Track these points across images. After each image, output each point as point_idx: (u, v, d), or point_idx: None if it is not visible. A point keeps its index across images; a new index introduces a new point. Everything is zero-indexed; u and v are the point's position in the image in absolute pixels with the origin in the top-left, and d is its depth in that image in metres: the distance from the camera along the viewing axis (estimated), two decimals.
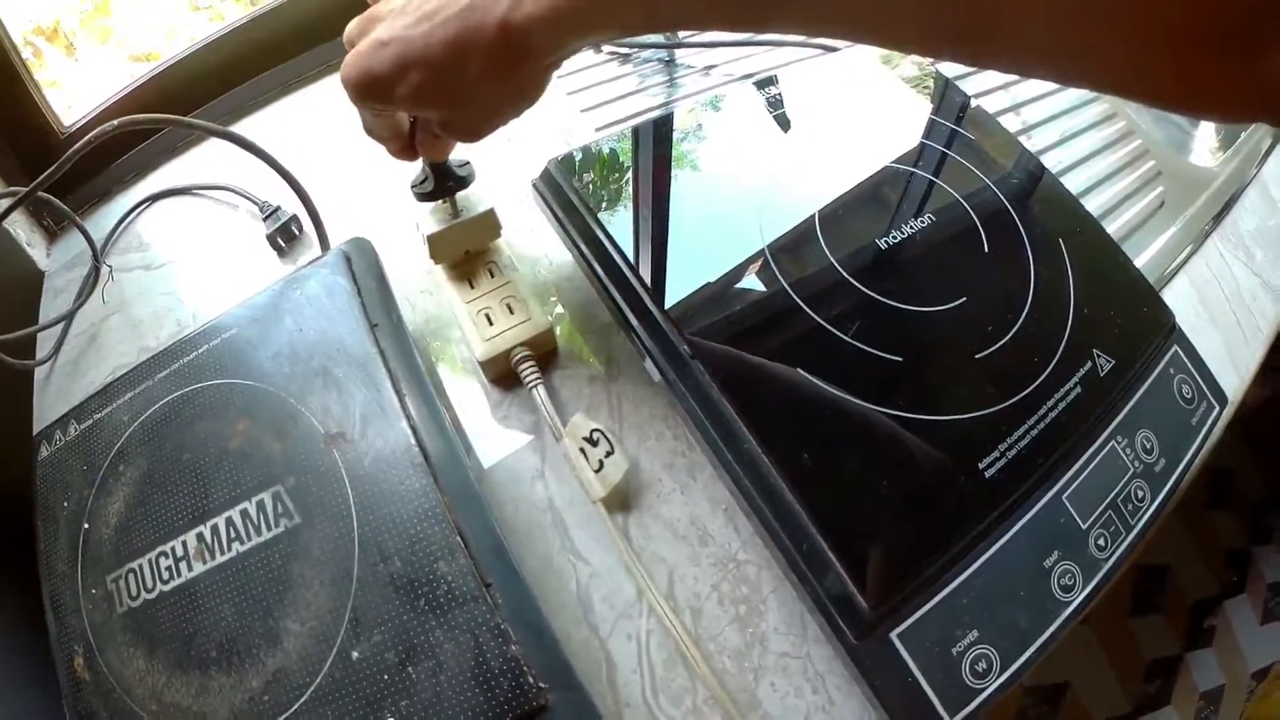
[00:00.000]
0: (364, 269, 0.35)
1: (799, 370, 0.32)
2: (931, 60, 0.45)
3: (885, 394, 0.33)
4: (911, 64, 0.46)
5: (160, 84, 0.41)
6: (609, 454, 0.33)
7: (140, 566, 0.36)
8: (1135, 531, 0.37)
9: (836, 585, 0.31)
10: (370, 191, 0.38)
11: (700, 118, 0.42)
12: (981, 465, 0.33)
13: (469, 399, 0.36)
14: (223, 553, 0.34)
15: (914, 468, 0.32)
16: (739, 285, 0.35)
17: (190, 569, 0.35)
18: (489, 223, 0.36)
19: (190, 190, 0.41)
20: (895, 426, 0.32)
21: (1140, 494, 0.37)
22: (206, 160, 0.43)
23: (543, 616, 0.31)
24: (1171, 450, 0.39)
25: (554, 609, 0.33)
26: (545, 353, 0.36)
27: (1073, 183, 0.47)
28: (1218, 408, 0.41)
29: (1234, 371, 0.46)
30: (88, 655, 0.35)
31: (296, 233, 0.38)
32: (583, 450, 0.33)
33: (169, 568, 0.35)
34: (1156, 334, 0.40)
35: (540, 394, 0.34)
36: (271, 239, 0.39)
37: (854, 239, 0.37)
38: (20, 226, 0.42)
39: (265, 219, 0.39)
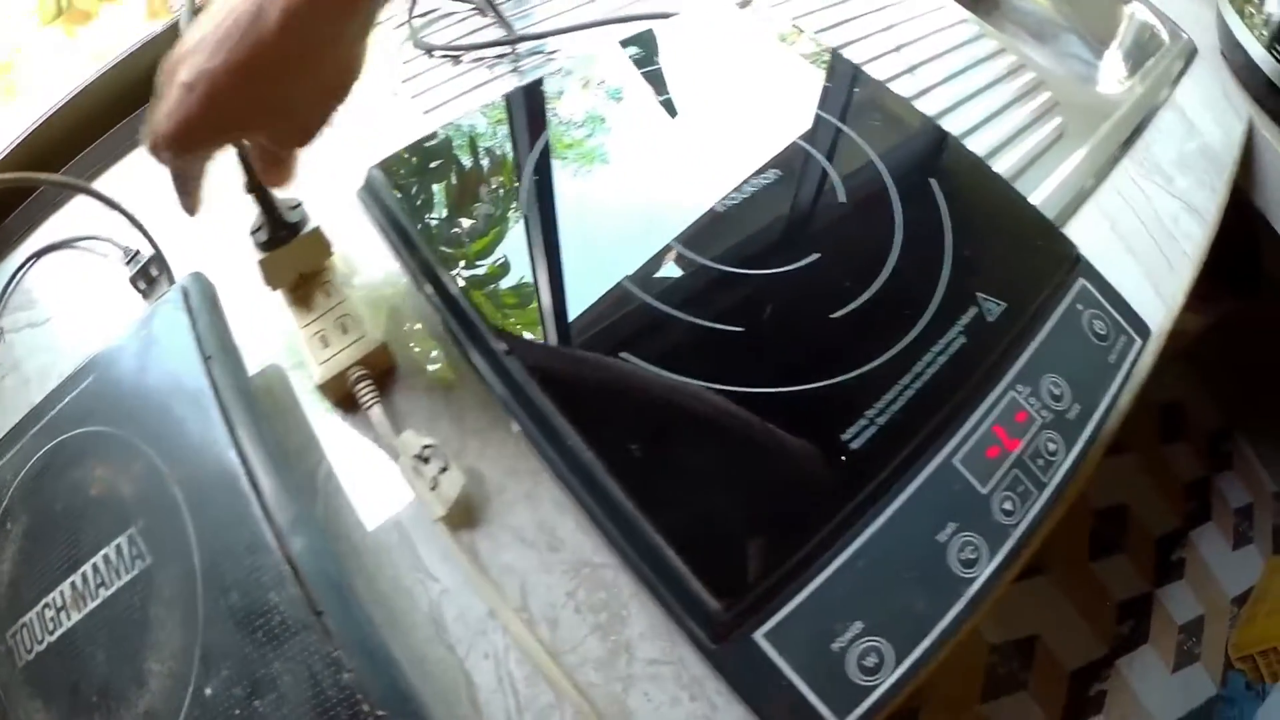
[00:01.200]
0: (199, 303, 0.30)
1: (622, 355, 0.24)
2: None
3: (724, 370, 0.25)
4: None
5: (32, 143, 0.37)
6: (443, 470, 0.27)
7: (31, 619, 0.31)
8: (1051, 488, 0.28)
9: (683, 587, 0.23)
10: (223, 228, 0.33)
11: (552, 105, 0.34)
12: (845, 436, 0.25)
13: (324, 424, 0.29)
14: (92, 599, 0.30)
15: (760, 448, 0.24)
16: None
17: (69, 618, 0.30)
18: (317, 242, 0.30)
19: (69, 244, 0.36)
20: (732, 406, 0.24)
21: (1052, 447, 0.28)
22: (84, 213, 0.38)
23: (381, 642, 0.26)
24: (1087, 393, 0.30)
25: (406, 629, 0.27)
26: (383, 370, 0.29)
27: (958, 122, 0.37)
28: (1139, 341, 0.32)
29: (1160, 301, 0.36)
30: (1, 710, 0.30)
31: (155, 274, 0.33)
32: (416, 469, 0.26)
33: (52, 618, 0.30)
34: (1056, 270, 0.31)
35: (375, 414, 0.28)
36: (133, 282, 0.34)
37: (685, 208, 0.28)
38: None
39: (127, 264, 0.34)
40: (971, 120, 0.39)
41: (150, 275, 0.33)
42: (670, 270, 0.27)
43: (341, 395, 0.29)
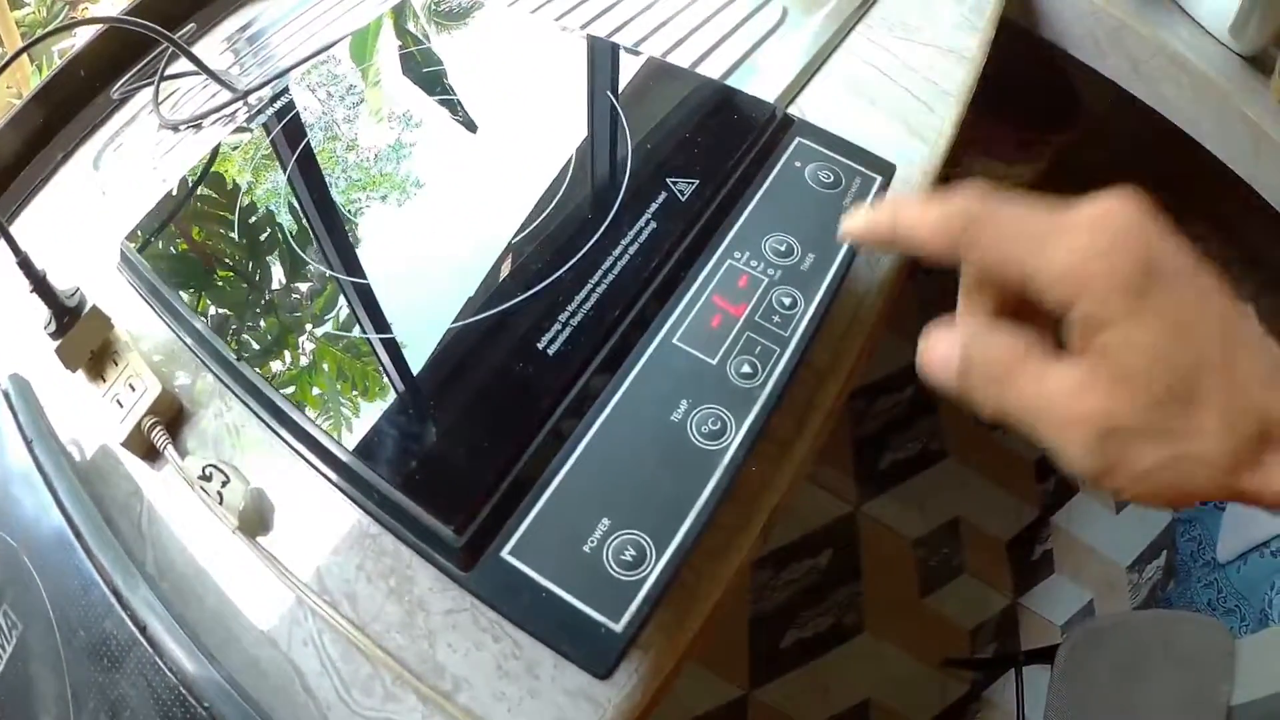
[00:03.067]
0: (18, 399, 0.32)
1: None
2: None
3: (408, 316, 0.25)
4: None
5: None
6: (225, 483, 0.27)
7: None
8: (794, 342, 0.27)
9: (419, 525, 0.24)
10: (29, 337, 0.35)
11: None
12: (541, 345, 0.25)
13: (144, 477, 0.31)
14: None
15: (460, 373, 0.24)
16: None
17: None
18: (97, 319, 0.32)
19: None
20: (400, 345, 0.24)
21: (787, 301, 0.27)
22: None
23: (200, 643, 0.26)
24: (823, 243, 0.29)
25: (237, 637, 0.28)
26: (174, 413, 0.31)
27: (669, 35, 0.37)
28: (880, 178, 0.31)
29: (919, 141, 0.35)
30: None
31: None
32: (203, 488, 0.27)
33: None
34: (758, 137, 0.30)
35: (170, 453, 0.29)
36: None
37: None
38: None
39: None
40: (685, 29, 0.39)
41: None
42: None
43: (145, 447, 0.31)
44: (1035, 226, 0.17)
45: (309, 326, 0.28)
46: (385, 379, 0.25)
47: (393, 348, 0.25)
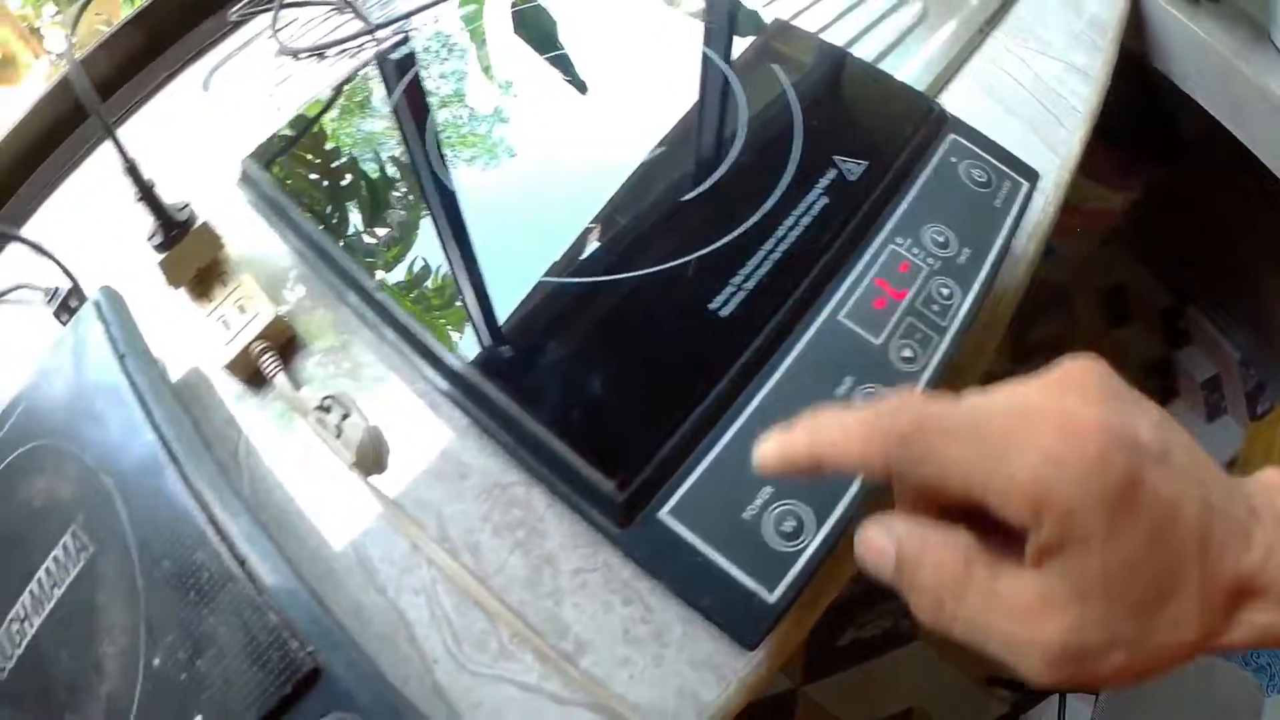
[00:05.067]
0: (110, 311, 0.31)
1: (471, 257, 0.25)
2: None
3: (581, 263, 0.25)
4: None
5: None
6: (345, 417, 0.27)
7: (0, 639, 0.31)
8: (952, 332, 0.27)
9: (579, 477, 0.23)
10: (121, 252, 0.34)
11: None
12: (713, 305, 0.24)
13: (240, 407, 0.30)
14: (49, 601, 0.30)
15: (632, 329, 0.24)
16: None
17: (32, 626, 0.30)
18: (207, 235, 0.30)
19: None
20: (595, 291, 0.24)
21: (945, 292, 0.27)
22: (6, 266, 0.40)
23: (305, 582, 0.26)
24: (977, 239, 0.29)
25: (339, 581, 0.27)
26: (285, 341, 0.30)
27: (815, 17, 0.37)
28: (1026, 184, 0.31)
29: (1052, 154, 0.36)
30: None
31: (74, 305, 0.34)
32: (319, 420, 0.26)
33: (18, 631, 0.31)
34: (919, 128, 0.30)
35: (280, 380, 0.28)
36: (57, 316, 0.35)
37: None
38: None
39: (49, 302, 0.35)
40: (831, 13, 0.39)
41: (70, 307, 0.34)
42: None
43: (249, 372, 0.30)
44: (990, 433, 0.14)
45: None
46: (544, 325, 0.25)
47: (558, 293, 0.25)
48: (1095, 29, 0.42)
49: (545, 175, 0.30)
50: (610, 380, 0.23)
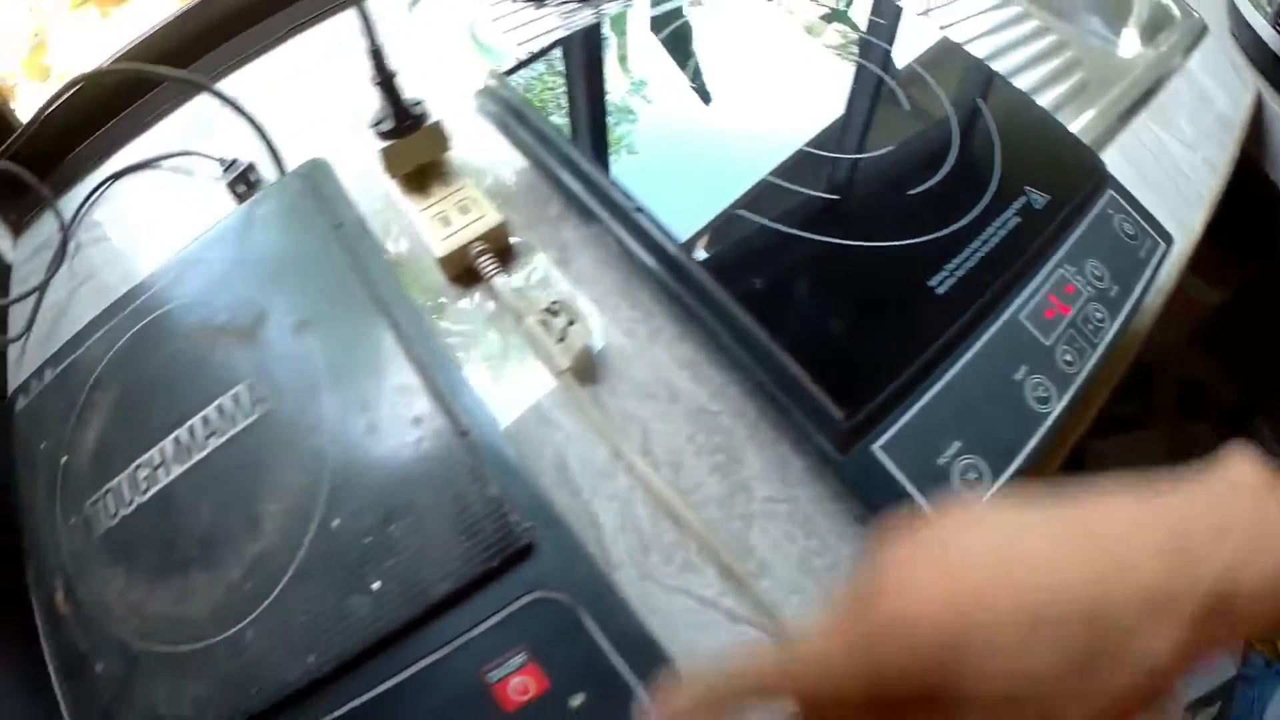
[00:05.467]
0: (323, 182, 0.39)
1: (738, 213, 0.36)
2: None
3: (826, 226, 0.36)
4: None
5: (151, 43, 0.47)
6: (571, 323, 0.36)
7: (119, 484, 0.38)
8: (1100, 350, 0.39)
9: (811, 401, 0.33)
10: (326, 131, 0.43)
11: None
12: (931, 283, 0.36)
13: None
14: (199, 450, 0.36)
15: (866, 287, 0.35)
16: None
17: (168, 473, 0.37)
18: (438, 134, 0.40)
19: (152, 163, 0.45)
20: (838, 251, 0.35)
21: (1099, 315, 0.40)
22: (168, 133, 0.48)
23: (521, 461, 0.33)
24: (1123, 279, 0.42)
25: (537, 473, 0.35)
26: (500, 248, 0.39)
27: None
28: (1163, 244, 0.45)
29: (1181, 230, 0.50)
30: (67, 588, 0.36)
31: (253, 179, 0.42)
32: (543, 323, 0.36)
33: (147, 477, 0.37)
34: (1087, 177, 0.44)
35: (499, 282, 0.38)
36: (232, 186, 0.43)
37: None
38: None
39: (225, 171, 0.43)
40: (1003, 69, 0.54)
41: (249, 180, 0.42)
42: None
43: (461, 270, 0.39)
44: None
45: None
46: (788, 269, 0.36)
47: (803, 244, 0.36)
48: (1223, 126, 0.58)
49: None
50: (845, 325, 0.34)
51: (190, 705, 0.33)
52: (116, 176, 0.46)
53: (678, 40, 0.47)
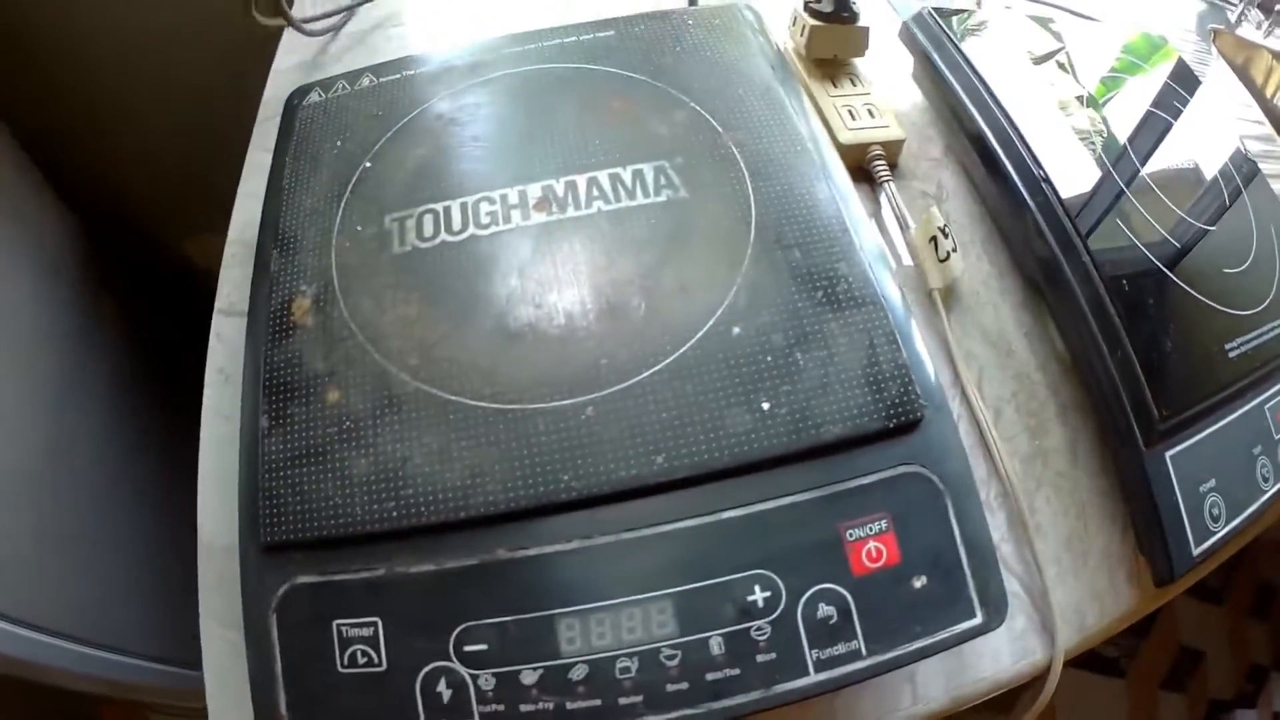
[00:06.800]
0: (761, 27, 0.40)
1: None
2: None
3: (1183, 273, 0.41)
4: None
5: None
6: (953, 250, 0.38)
7: (447, 208, 0.35)
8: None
9: (1137, 392, 0.37)
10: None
11: None
12: (1228, 346, 0.41)
13: None
14: (578, 208, 0.35)
15: (1193, 323, 0.40)
16: None
17: (526, 218, 0.35)
18: (862, 36, 0.41)
19: None
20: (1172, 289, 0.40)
21: None
22: None
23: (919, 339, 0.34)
24: None
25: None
26: (891, 164, 0.41)
27: None
28: None
29: None
30: (321, 298, 0.33)
31: None
32: (935, 241, 0.38)
33: (491, 213, 0.35)
34: None
35: (891, 189, 0.39)
36: None
37: None
38: None
39: None
40: None
41: None
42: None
43: (854, 165, 0.40)
44: None
45: None
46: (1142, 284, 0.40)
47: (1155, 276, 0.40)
48: None
49: None
50: (1176, 345, 0.39)
51: (462, 471, 0.30)
52: None
53: None
